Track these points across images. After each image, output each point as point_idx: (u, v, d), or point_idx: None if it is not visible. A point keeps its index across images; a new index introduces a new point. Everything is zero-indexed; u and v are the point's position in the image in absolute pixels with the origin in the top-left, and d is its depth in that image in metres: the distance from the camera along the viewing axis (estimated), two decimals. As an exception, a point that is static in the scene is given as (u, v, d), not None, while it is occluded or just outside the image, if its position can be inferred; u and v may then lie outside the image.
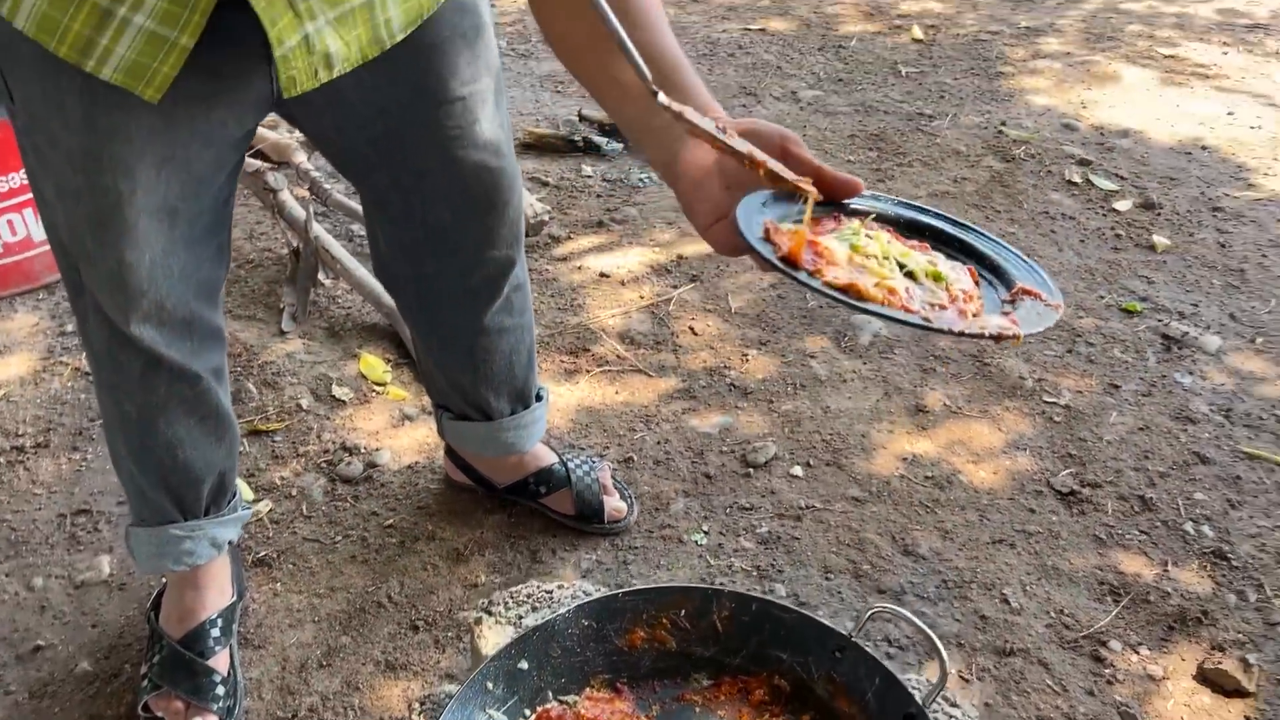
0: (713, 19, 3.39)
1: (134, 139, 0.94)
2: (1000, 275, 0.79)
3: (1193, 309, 2.10)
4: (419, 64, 1.09)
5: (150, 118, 0.94)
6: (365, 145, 1.13)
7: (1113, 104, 2.89)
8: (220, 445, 1.20)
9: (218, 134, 1.00)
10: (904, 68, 3.08)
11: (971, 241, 0.82)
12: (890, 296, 0.71)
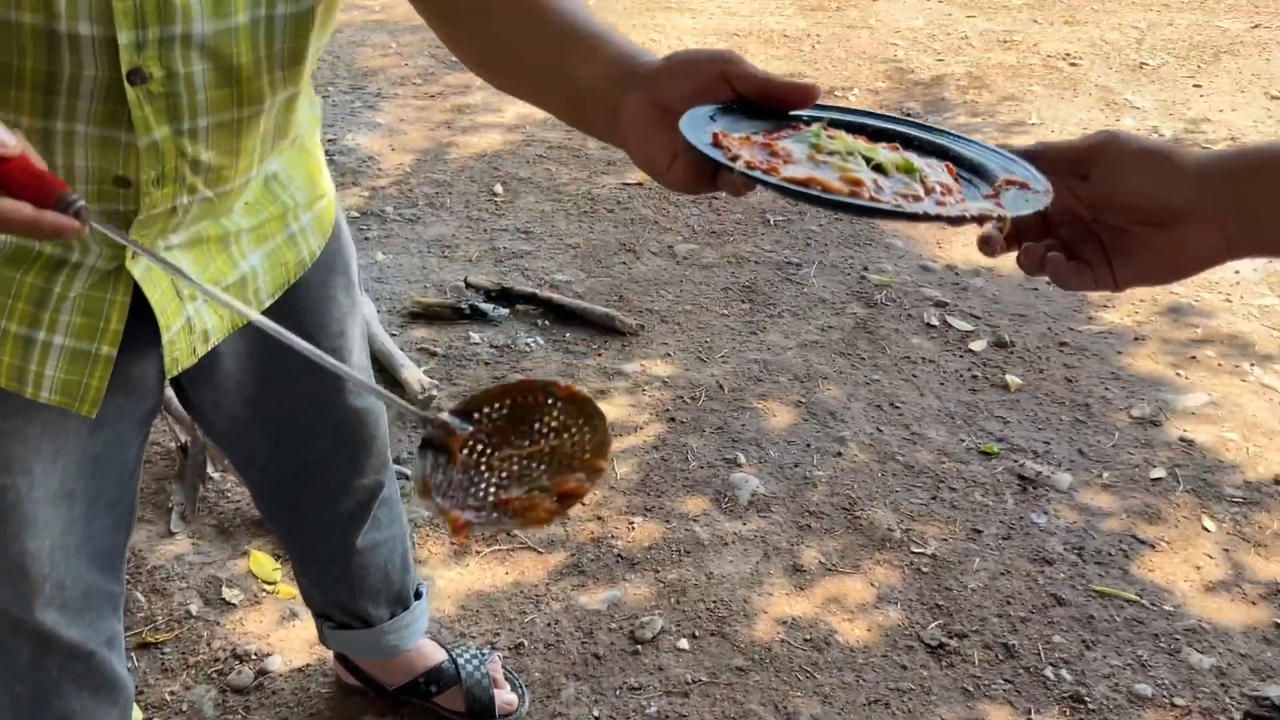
0: (593, 174, 3.56)
1: (29, 438, 0.98)
2: (982, 174, 0.71)
3: (1045, 447, 2.26)
4: (291, 325, 1.15)
5: (46, 415, 0.98)
6: (242, 409, 1.19)
7: (966, 244, 3.11)
8: (114, 708, 1.21)
9: (113, 418, 1.04)
10: (772, 216, 3.27)
11: (948, 144, 0.75)
12: (856, 189, 0.64)
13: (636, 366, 2.53)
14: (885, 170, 0.67)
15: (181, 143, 0.86)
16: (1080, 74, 4.47)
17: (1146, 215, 0.67)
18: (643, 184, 3.49)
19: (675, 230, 3.20)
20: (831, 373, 2.52)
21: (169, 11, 0.78)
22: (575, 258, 3.03)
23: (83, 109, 0.82)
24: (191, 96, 0.84)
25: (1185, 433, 2.31)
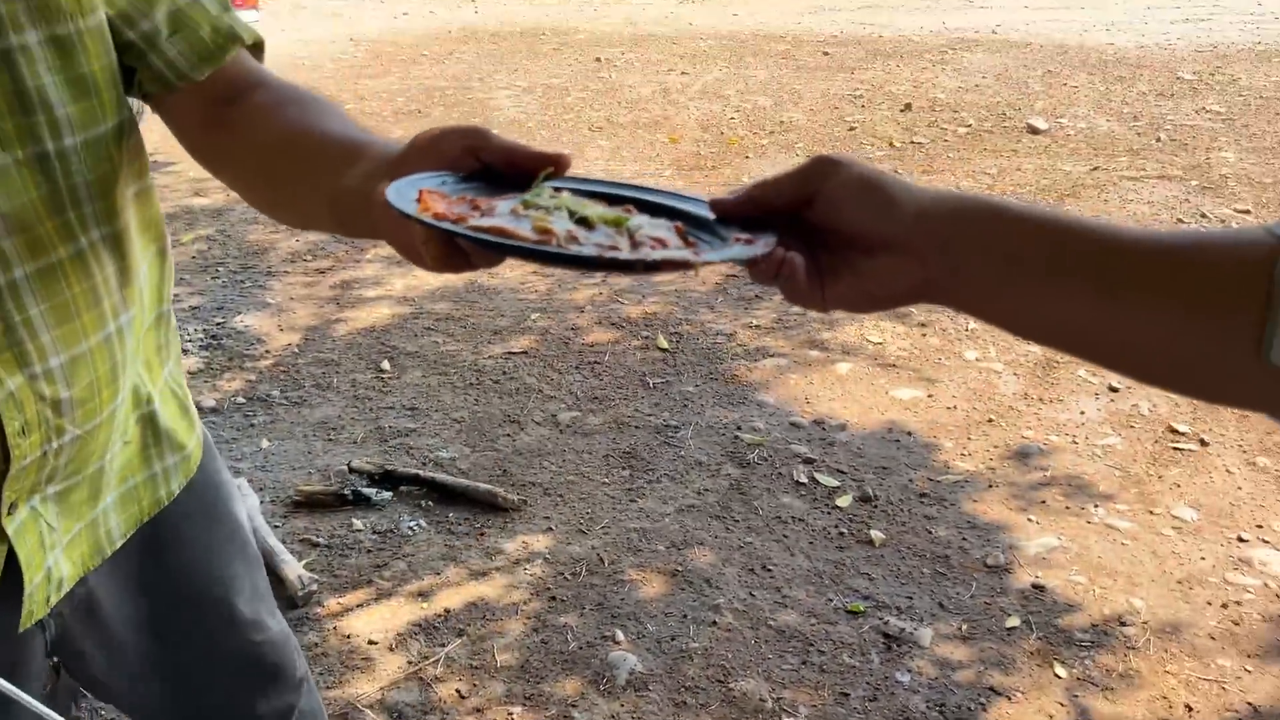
0: (479, 344, 3.67)
1: None
2: (721, 236, 0.68)
3: (908, 602, 2.38)
4: (162, 566, 1.13)
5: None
6: (136, 662, 1.15)
7: (831, 397, 3.29)
8: None
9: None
10: (651, 379, 3.42)
11: (685, 208, 0.71)
12: (544, 237, 0.62)
13: (518, 544, 2.59)
14: (591, 224, 0.65)
15: (37, 386, 0.87)
16: (937, 222, 4.79)
17: (859, 242, 0.66)
18: (527, 352, 3.61)
19: (559, 398, 3.31)
20: (707, 537, 2.62)
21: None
22: (460, 433, 3.11)
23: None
24: (37, 338, 0.86)
25: (1037, 578, 2.45)
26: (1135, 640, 2.26)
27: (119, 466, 1.04)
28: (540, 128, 6.50)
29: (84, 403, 0.92)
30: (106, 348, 0.93)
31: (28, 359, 0.86)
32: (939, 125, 6.43)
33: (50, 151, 0.86)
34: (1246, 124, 6.28)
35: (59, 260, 0.87)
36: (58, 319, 0.87)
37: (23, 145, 0.84)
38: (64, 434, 0.91)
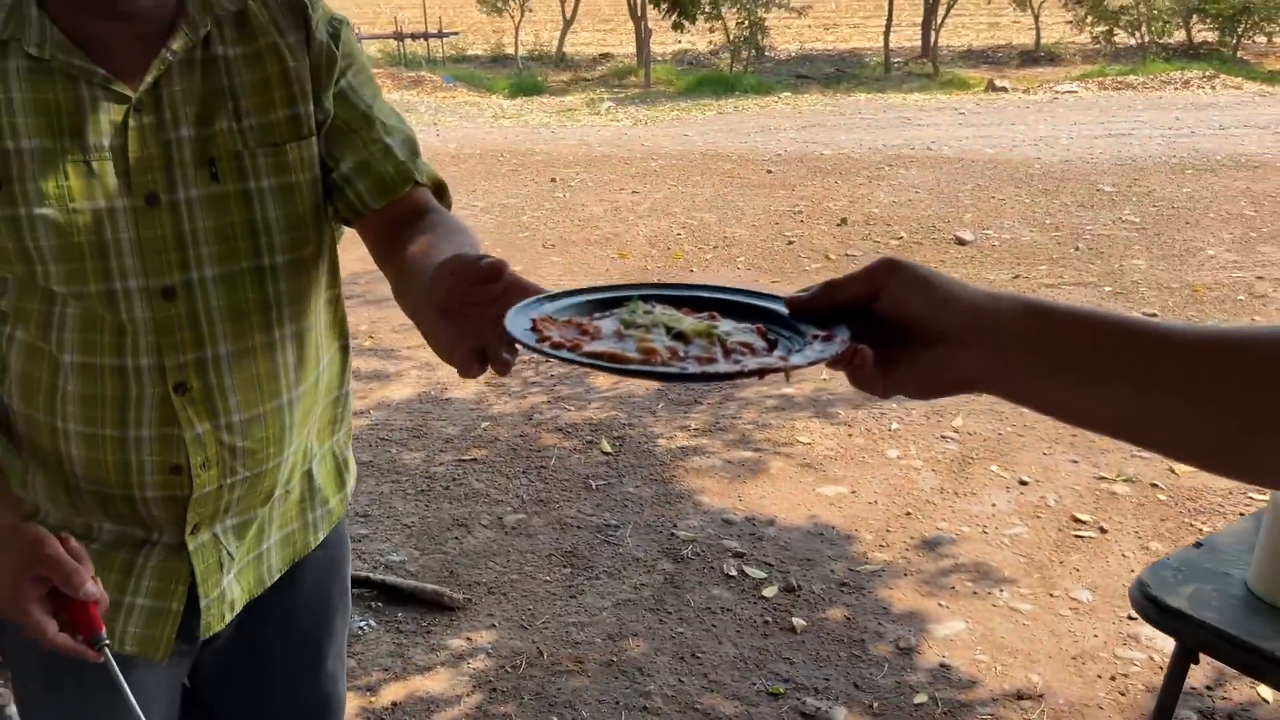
0: (431, 453, 3.87)
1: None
2: (799, 330, 0.74)
3: (825, 683, 2.56)
4: (286, 603, 1.35)
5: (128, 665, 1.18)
6: (235, 681, 1.36)
7: (762, 495, 3.50)
8: None
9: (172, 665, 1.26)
10: (594, 481, 3.62)
11: (765, 304, 0.78)
12: (648, 358, 0.69)
13: (462, 640, 2.75)
14: (687, 338, 0.72)
15: (220, 434, 1.14)
16: (867, 329, 5.09)
17: (919, 334, 0.70)
18: (477, 459, 3.81)
19: (506, 501, 3.50)
20: (641, 629, 2.79)
21: (199, 341, 1.10)
22: (410, 537, 3.28)
23: (145, 417, 1.11)
24: (225, 400, 1.13)
25: (944, 658, 2.64)
26: (1031, 711, 2.45)
27: (281, 512, 1.29)
28: (496, 245, 6.81)
29: (254, 453, 1.17)
30: (277, 415, 1.19)
31: (216, 413, 1.13)
32: (872, 238, 6.81)
33: (265, 265, 1.14)
34: (1159, 233, 6.72)
35: (254, 346, 1.14)
36: (243, 388, 1.14)
37: (247, 259, 1.12)
38: (236, 474, 1.17)
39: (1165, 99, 13.93)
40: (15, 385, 1.15)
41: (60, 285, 1.07)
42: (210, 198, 1.10)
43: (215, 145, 1.10)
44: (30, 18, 1.05)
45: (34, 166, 1.05)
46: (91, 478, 1.15)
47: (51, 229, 1.05)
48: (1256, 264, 6.02)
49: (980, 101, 14.27)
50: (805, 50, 21.77)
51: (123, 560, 1.19)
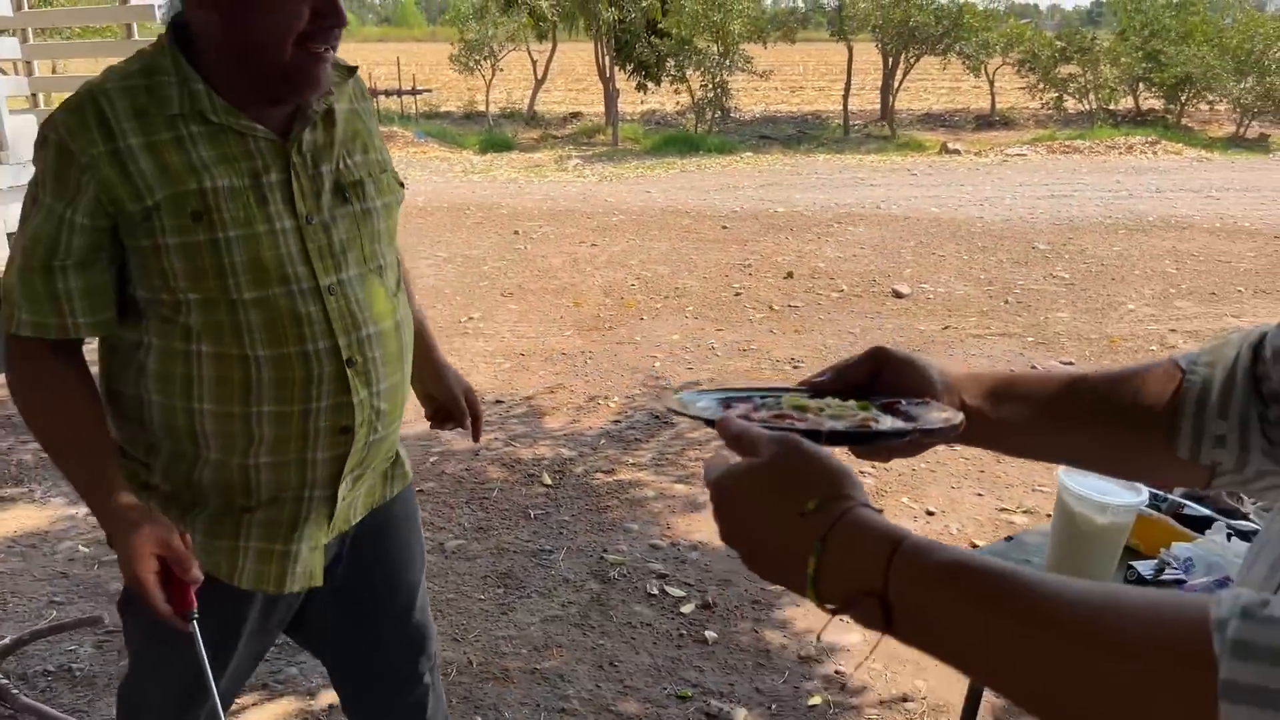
0: (381, 484, 4.10)
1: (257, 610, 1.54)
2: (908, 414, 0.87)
3: (730, 688, 2.79)
4: (379, 547, 1.68)
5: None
6: (343, 610, 1.66)
7: (690, 524, 3.75)
8: None
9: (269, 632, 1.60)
10: (534, 511, 3.86)
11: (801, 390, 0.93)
12: (869, 424, 0.81)
13: (399, 650, 2.96)
14: (842, 416, 0.84)
15: (372, 399, 1.46)
16: (800, 373, 5.40)
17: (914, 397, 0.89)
18: (424, 490, 4.03)
19: (449, 529, 3.72)
20: (566, 641, 3.02)
21: (358, 323, 1.43)
22: (356, 560, 3.50)
23: (325, 390, 1.41)
24: (377, 369, 1.46)
25: (840, 666, 2.89)
26: (914, 712, 2.69)
27: (382, 466, 1.62)
28: (456, 294, 7.08)
29: (388, 414, 1.51)
30: (403, 384, 1.55)
31: (370, 381, 1.46)
32: (815, 291, 7.15)
33: (381, 266, 1.50)
34: (1085, 288, 7.10)
35: (386, 328, 1.49)
36: (386, 361, 1.48)
37: (370, 261, 1.48)
38: (377, 433, 1.50)
39: (1109, 163, 14.53)
40: (209, 389, 1.38)
41: (249, 292, 1.36)
42: (345, 216, 1.45)
43: (343, 176, 1.46)
44: (200, 93, 1.35)
45: (225, 200, 1.35)
46: (275, 450, 1.42)
47: (242, 246, 1.35)
48: (1172, 318, 6.40)
49: (933, 163, 14.81)
50: (769, 112, 22.41)
51: (287, 516, 1.49)
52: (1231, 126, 18.26)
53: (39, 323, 1.37)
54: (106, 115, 1.31)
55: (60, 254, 1.33)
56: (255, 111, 1.38)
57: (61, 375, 1.40)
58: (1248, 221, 9.66)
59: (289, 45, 1.32)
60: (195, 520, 1.47)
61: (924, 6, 17.58)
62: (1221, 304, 6.72)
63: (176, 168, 1.32)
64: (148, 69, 1.35)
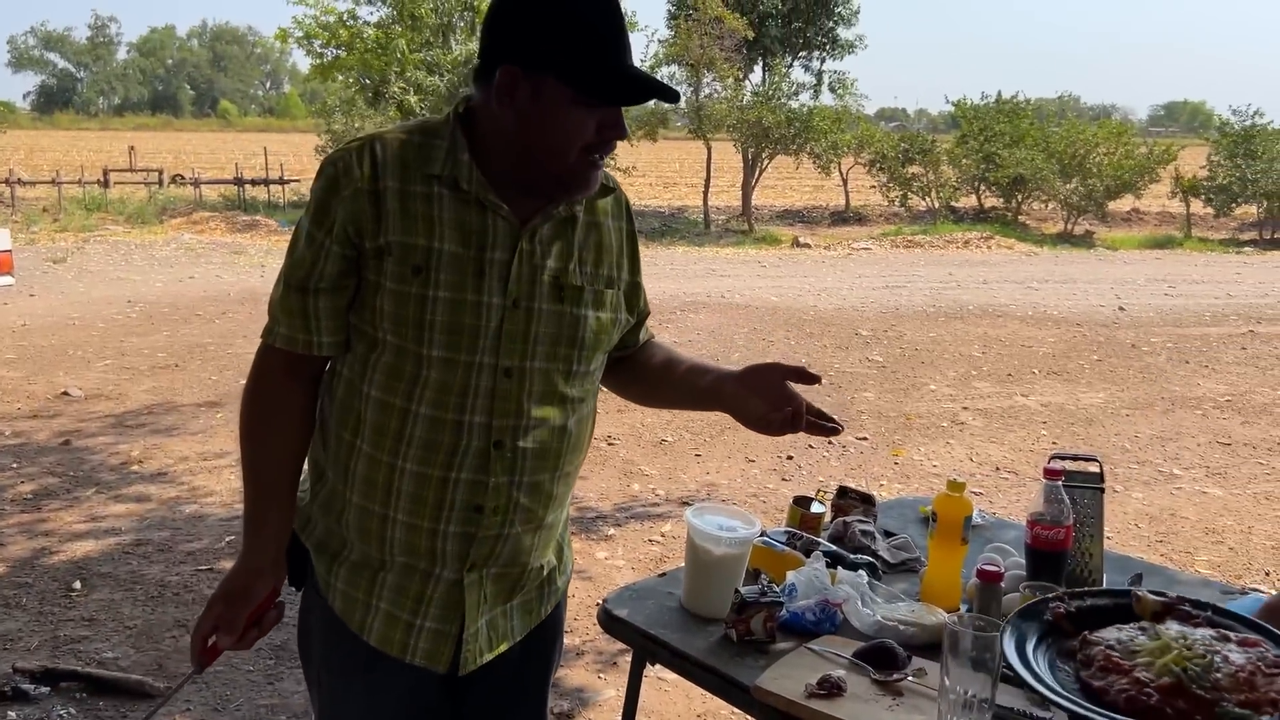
0: (171, 565, 4.10)
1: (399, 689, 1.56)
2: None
3: (478, 744, 2.90)
4: (528, 667, 1.68)
5: (412, 673, 1.54)
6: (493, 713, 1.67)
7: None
8: None
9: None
10: (322, 586, 3.92)
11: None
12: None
13: (155, 723, 2.99)
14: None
15: (512, 490, 1.48)
16: (614, 451, 5.62)
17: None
18: (213, 568, 4.07)
19: (232, 605, 3.76)
20: (328, 708, 3.09)
21: (520, 410, 1.47)
22: (130, 637, 3.51)
23: (467, 463, 1.45)
24: (523, 461, 1.48)
25: (589, 720, 3.04)
26: (649, 760, 2.85)
27: (530, 581, 1.60)
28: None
29: (529, 510, 1.52)
30: (551, 483, 1.54)
31: (514, 470, 1.49)
32: (646, 373, 7.43)
33: (572, 370, 1.53)
34: (895, 370, 7.57)
35: (551, 425, 1.51)
36: (536, 455, 1.50)
37: (563, 361, 1.52)
38: (514, 525, 1.51)
39: (946, 256, 15.48)
40: (369, 431, 1.48)
41: (439, 351, 1.43)
42: (553, 313, 1.49)
43: (565, 277, 1.50)
44: (463, 162, 1.44)
45: (446, 263, 1.42)
46: (411, 510, 1.47)
47: (447, 308, 1.43)
48: (968, 397, 6.88)
49: (784, 256, 15.53)
50: (640, 207, 23.13)
51: (416, 588, 1.51)
52: (1062, 224, 19.67)
53: (290, 337, 1.48)
54: (378, 157, 1.42)
55: (316, 277, 1.45)
56: (507, 193, 1.45)
57: (290, 400, 1.53)
58: (1056, 310, 10.44)
59: (574, 153, 1.41)
60: (339, 567, 1.54)
61: (776, 109, 18.58)
62: (1015, 384, 7.25)
63: (416, 219, 1.42)
64: (426, 129, 1.47)
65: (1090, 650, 1.01)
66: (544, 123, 1.40)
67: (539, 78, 1.38)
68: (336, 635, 1.55)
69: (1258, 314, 10.47)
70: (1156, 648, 1.00)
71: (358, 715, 1.59)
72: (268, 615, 1.59)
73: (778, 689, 1.59)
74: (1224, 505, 5.01)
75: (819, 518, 2.20)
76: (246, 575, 1.55)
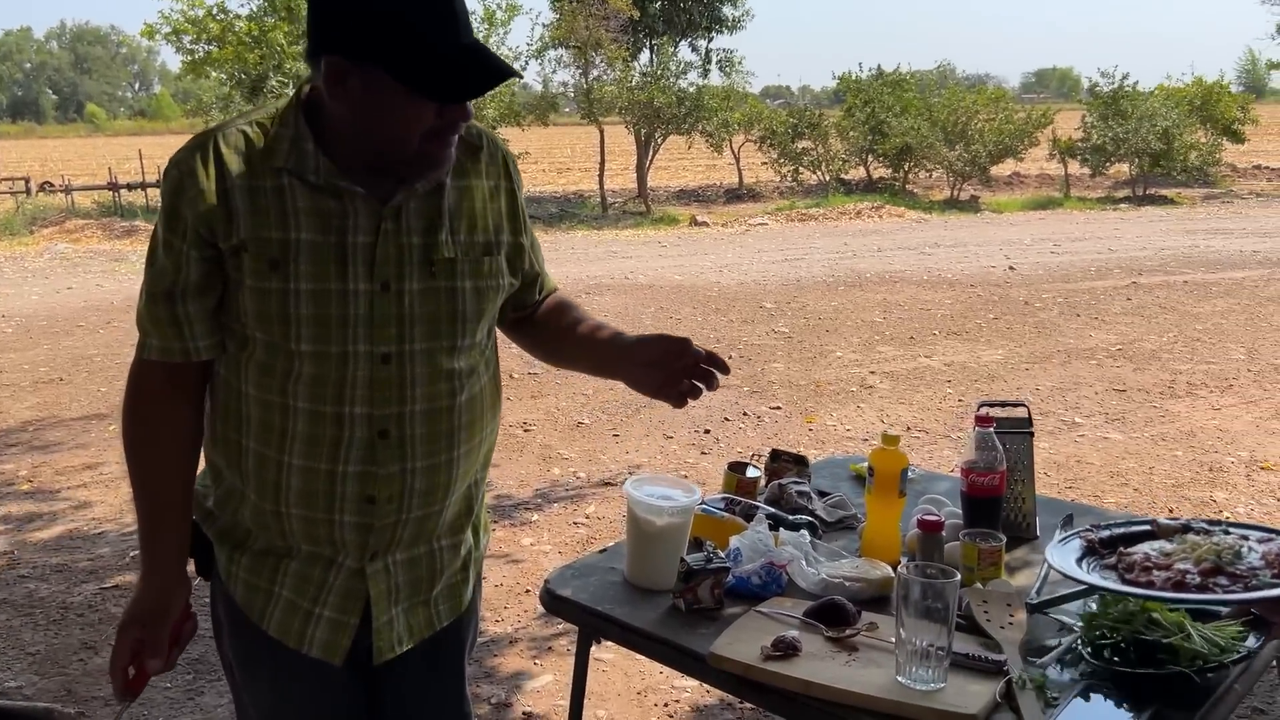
0: (72, 585, 3.88)
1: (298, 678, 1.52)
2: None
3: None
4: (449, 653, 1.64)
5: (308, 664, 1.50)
6: (412, 699, 1.62)
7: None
8: None
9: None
10: (237, 594, 3.76)
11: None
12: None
13: (67, 750, 2.82)
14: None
15: (404, 476, 1.44)
16: (530, 437, 5.55)
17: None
18: (118, 586, 3.87)
19: (141, 622, 3.58)
20: (254, 719, 2.96)
21: (404, 397, 1.42)
22: (33, 664, 3.31)
23: (353, 455, 1.41)
24: (413, 447, 1.43)
25: (528, 708, 2.98)
26: (593, 741, 2.81)
27: (449, 567, 1.57)
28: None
29: (426, 495, 1.47)
30: (448, 466, 1.49)
31: (404, 457, 1.44)
32: (556, 358, 7.35)
33: (456, 346, 1.47)
34: (801, 340, 7.66)
35: (439, 408, 1.46)
36: (427, 440, 1.45)
37: (444, 339, 1.46)
38: (411, 511, 1.47)
39: (840, 228, 15.75)
40: (253, 428, 1.44)
41: (308, 345, 1.38)
42: (426, 290, 1.43)
43: (435, 251, 1.44)
44: (308, 151, 1.38)
45: (305, 254, 1.37)
46: (303, 503, 1.43)
47: (310, 300, 1.37)
48: (874, 361, 7.00)
49: (683, 236, 15.58)
50: (534, 193, 22.90)
51: (318, 576, 1.47)
52: (949, 190, 20.20)
53: (165, 347, 1.43)
54: (222, 154, 1.37)
55: (180, 284, 1.40)
56: (361, 175, 1.39)
57: (174, 413, 1.47)
58: (950, 273, 10.70)
59: (415, 141, 1.35)
60: (242, 556, 1.50)
61: (666, 90, 18.60)
62: (918, 346, 7.41)
63: (268, 213, 1.37)
64: (271, 119, 1.41)
65: (1129, 559, 1.10)
66: (380, 114, 1.34)
67: (367, 67, 1.31)
68: (240, 625, 1.53)
69: (1139, 266, 10.92)
70: (1189, 547, 1.12)
71: (268, 705, 1.57)
72: (185, 630, 1.55)
73: (733, 654, 1.56)
74: (1125, 449, 5.20)
75: (755, 482, 2.19)
76: (158, 593, 1.50)
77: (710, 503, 2.07)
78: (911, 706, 1.42)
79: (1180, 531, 1.17)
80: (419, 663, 1.59)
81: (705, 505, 2.03)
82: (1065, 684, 1.48)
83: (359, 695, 1.59)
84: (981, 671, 1.50)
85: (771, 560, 1.83)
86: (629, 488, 1.86)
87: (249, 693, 1.59)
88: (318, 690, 1.54)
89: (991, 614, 1.64)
